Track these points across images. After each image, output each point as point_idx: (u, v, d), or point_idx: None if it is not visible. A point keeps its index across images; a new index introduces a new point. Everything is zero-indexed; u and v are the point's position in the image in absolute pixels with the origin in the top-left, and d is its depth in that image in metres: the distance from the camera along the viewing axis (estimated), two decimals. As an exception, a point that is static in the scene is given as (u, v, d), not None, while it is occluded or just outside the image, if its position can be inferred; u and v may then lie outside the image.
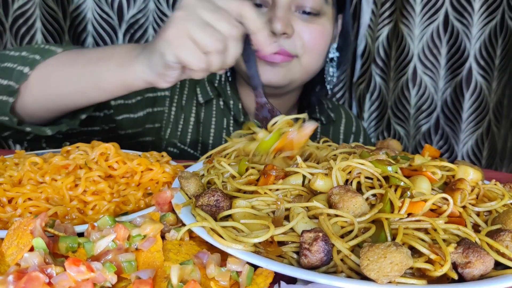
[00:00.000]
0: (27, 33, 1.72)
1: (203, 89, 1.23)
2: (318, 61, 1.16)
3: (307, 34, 1.10)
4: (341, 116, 1.42)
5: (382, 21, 1.82)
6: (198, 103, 1.23)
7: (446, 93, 1.84)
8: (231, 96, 1.23)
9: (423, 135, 1.89)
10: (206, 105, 1.23)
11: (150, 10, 1.76)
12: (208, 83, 1.24)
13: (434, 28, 1.77)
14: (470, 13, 1.74)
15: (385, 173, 0.60)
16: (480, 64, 1.77)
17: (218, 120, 1.24)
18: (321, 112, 1.35)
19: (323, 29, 1.13)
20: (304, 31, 1.09)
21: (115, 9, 1.74)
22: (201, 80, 1.23)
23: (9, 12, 1.70)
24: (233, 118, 1.24)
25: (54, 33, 1.74)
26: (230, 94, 1.23)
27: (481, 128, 1.83)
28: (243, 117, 1.22)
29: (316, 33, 1.11)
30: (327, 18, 1.14)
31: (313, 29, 1.11)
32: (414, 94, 1.84)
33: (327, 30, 1.15)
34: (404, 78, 1.83)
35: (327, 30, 1.15)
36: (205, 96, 1.22)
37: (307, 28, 1.09)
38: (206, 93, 1.23)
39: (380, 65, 1.87)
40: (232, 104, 1.23)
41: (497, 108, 1.79)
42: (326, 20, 1.14)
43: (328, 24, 1.15)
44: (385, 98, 1.90)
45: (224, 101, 1.24)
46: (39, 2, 1.70)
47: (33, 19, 1.72)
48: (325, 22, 1.14)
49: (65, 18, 1.73)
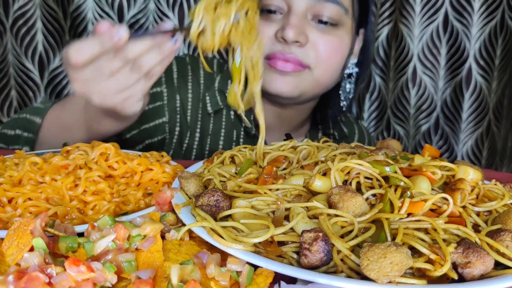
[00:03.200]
0: (28, 34, 1.72)
1: (213, 99, 1.17)
2: (332, 74, 1.10)
3: (321, 45, 1.04)
4: (354, 132, 1.36)
5: (382, 21, 1.82)
6: (206, 113, 1.17)
7: (446, 93, 1.84)
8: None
9: (423, 135, 1.89)
10: (216, 115, 1.18)
11: (151, 10, 1.76)
12: (218, 92, 1.18)
13: (434, 28, 1.77)
14: (470, 13, 1.74)
15: (383, 173, 0.60)
16: (480, 64, 1.77)
17: (227, 132, 1.18)
18: (334, 127, 1.29)
19: (340, 42, 1.07)
20: (318, 42, 1.04)
21: (116, 9, 1.74)
22: (211, 89, 1.18)
23: (10, 13, 1.70)
24: (244, 131, 1.19)
25: (55, 33, 1.74)
26: None
27: (481, 128, 1.83)
28: (254, 130, 1.16)
29: (331, 45, 1.05)
30: (345, 30, 1.08)
31: (329, 40, 1.05)
32: (414, 94, 1.84)
33: (344, 43, 1.08)
34: (403, 78, 1.83)
35: (344, 43, 1.08)
36: (215, 106, 1.16)
37: (322, 39, 1.04)
38: (216, 103, 1.17)
39: (379, 65, 1.87)
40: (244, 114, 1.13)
41: (497, 108, 1.79)
42: (344, 32, 1.07)
43: (346, 36, 1.08)
44: (384, 98, 1.90)
45: (235, 111, 1.18)
46: (39, 2, 1.70)
47: (33, 20, 1.72)
48: (343, 34, 1.07)
49: (65, 18, 1.73)
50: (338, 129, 1.30)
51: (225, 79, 1.19)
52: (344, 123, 1.33)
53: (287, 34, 1.00)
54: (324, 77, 1.09)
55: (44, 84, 1.79)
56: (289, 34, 1.00)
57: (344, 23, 1.07)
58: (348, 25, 1.08)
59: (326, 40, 1.04)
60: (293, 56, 1.03)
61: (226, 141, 1.18)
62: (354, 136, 1.35)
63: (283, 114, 1.18)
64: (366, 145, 1.32)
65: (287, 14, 1.03)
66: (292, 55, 1.03)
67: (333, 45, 1.06)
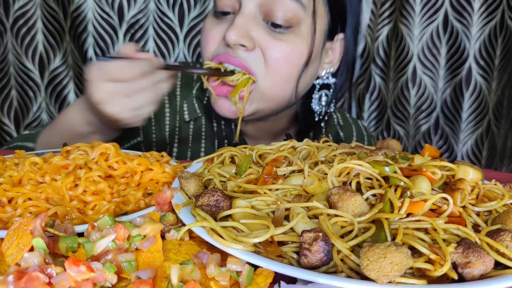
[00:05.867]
0: (28, 34, 1.72)
1: (190, 107, 1.12)
2: (283, 87, 0.97)
3: (271, 52, 0.92)
4: (352, 135, 1.26)
5: (382, 21, 1.82)
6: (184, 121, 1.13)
7: (445, 93, 1.84)
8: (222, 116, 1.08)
9: (423, 135, 1.89)
10: (195, 122, 1.14)
11: (151, 10, 1.76)
12: (196, 99, 1.13)
13: (433, 28, 1.77)
14: (470, 13, 1.74)
15: (383, 173, 0.60)
16: (479, 64, 1.77)
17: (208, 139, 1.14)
18: (328, 132, 1.21)
19: (291, 49, 0.94)
20: (267, 48, 0.92)
21: (116, 9, 1.74)
22: (189, 96, 1.14)
23: (10, 12, 1.70)
24: (226, 138, 1.14)
25: (55, 33, 1.74)
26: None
27: (480, 128, 1.83)
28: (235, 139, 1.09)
29: (282, 53, 0.93)
30: (301, 33, 0.94)
31: (280, 47, 0.93)
32: (413, 94, 1.84)
33: (298, 50, 0.94)
34: (403, 78, 1.83)
35: (298, 50, 0.94)
36: (192, 114, 1.12)
37: (272, 44, 0.92)
38: (193, 111, 1.12)
39: (379, 65, 1.87)
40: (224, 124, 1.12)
41: (497, 108, 1.79)
42: (299, 38, 0.94)
43: (301, 42, 0.94)
44: (384, 98, 1.90)
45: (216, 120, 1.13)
46: (39, 2, 1.70)
47: (34, 19, 1.72)
48: (297, 40, 0.94)
49: (65, 18, 1.73)
50: (333, 133, 1.22)
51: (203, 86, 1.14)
52: (341, 126, 1.25)
53: (228, 35, 0.91)
54: (274, 90, 0.97)
55: (44, 84, 1.79)
56: (230, 35, 0.91)
57: (301, 23, 0.94)
58: (306, 25, 0.94)
59: (276, 47, 0.93)
60: (237, 59, 0.93)
61: (207, 148, 1.14)
62: (351, 139, 1.26)
63: (262, 126, 1.13)
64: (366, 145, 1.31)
65: (235, 15, 0.94)
66: (236, 58, 0.93)
67: (283, 53, 0.93)
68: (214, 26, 1.00)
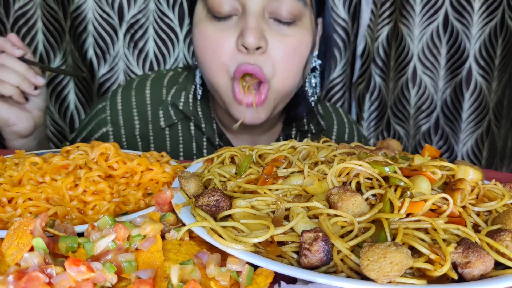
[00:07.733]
0: (28, 34, 1.72)
1: (166, 113, 1.11)
2: (294, 80, 1.00)
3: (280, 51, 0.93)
4: (333, 123, 1.27)
5: (382, 21, 1.82)
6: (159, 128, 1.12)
7: (446, 93, 1.84)
8: (202, 118, 1.09)
9: (423, 135, 1.89)
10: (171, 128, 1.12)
11: (151, 10, 1.76)
12: (171, 106, 1.11)
13: (434, 28, 1.77)
14: (470, 13, 1.74)
15: (383, 173, 0.60)
16: (480, 64, 1.77)
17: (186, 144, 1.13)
18: (310, 122, 1.22)
19: (299, 42, 0.96)
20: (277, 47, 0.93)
21: (116, 9, 1.74)
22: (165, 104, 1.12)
23: (10, 12, 1.70)
24: (207, 140, 1.13)
25: (55, 33, 1.74)
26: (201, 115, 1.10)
27: (481, 128, 1.83)
28: (218, 139, 1.10)
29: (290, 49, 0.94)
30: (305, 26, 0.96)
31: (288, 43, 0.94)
32: (414, 94, 1.84)
33: (304, 42, 0.97)
34: (403, 78, 1.83)
35: (304, 42, 0.97)
36: (168, 121, 1.11)
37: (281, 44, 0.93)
38: (169, 117, 1.11)
39: (379, 65, 1.87)
40: (204, 126, 1.10)
41: (497, 108, 1.79)
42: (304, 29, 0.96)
43: (306, 34, 0.97)
44: (384, 98, 1.90)
45: (195, 123, 1.11)
46: (40, 2, 1.70)
47: (34, 19, 1.72)
48: (303, 32, 0.96)
49: (65, 18, 1.73)
50: (315, 123, 1.22)
51: (179, 91, 1.13)
52: (322, 116, 1.25)
53: (248, 40, 0.88)
54: (285, 86, 0.99)
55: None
56: (249, 40, 0.88)
57: (304, 17, 0.96)
58: (307, 18, 0.97)
59: (285, 44, 0.94)
60: (256, 67, 0.92)
61: (186, 153, 1.13)
62: (333, 128, 1.27)
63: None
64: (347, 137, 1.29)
65: (243, 16, 0.91)
66: (255, 66, 0.92)
67: (292, 49, 0.95)
68: (217, 32, 0.95)
